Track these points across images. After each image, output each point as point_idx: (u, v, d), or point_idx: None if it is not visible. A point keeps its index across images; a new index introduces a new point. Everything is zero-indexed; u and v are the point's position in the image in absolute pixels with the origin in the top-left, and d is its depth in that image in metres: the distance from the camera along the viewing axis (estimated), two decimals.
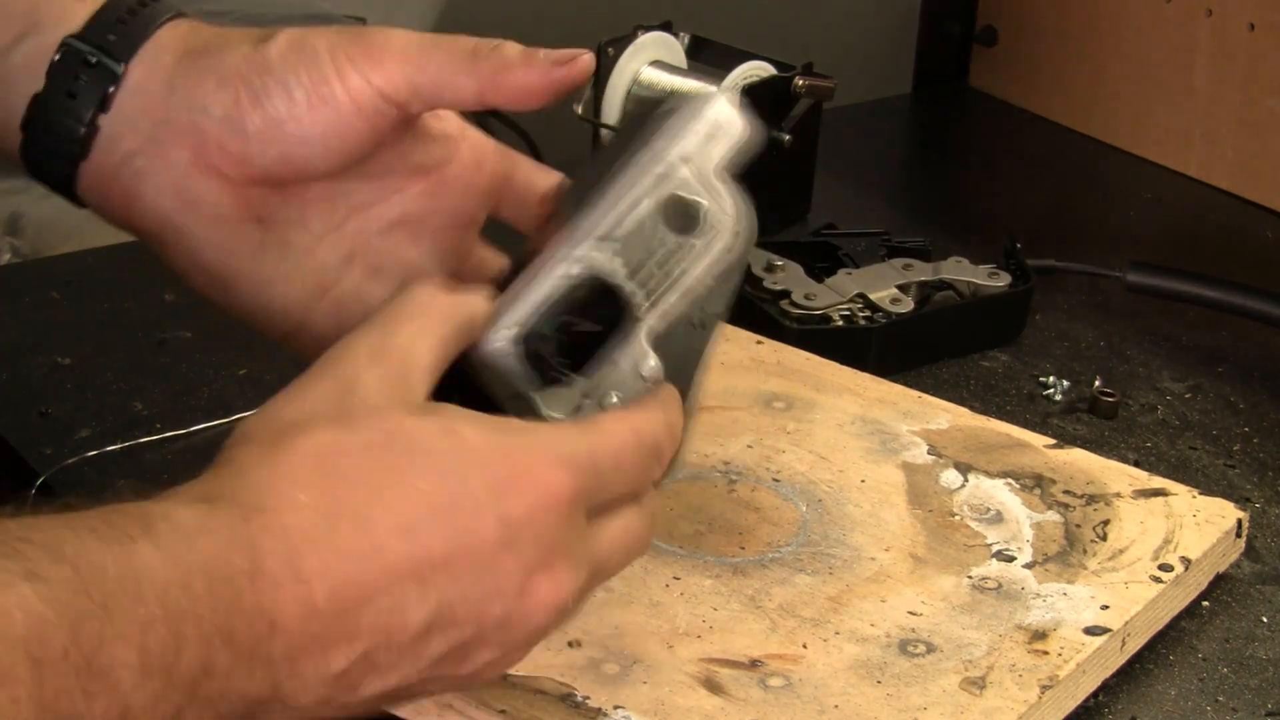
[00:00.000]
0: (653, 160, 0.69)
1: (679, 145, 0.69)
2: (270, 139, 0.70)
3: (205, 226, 0.73)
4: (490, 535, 0.59)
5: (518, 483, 0.60)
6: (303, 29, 0.71)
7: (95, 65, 0.72)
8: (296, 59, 0.70)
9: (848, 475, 0.88)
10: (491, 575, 0.60)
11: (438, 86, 0.70)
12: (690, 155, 0.69)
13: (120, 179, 0.73)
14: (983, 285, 1.09)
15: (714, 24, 1.30)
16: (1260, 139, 1.34)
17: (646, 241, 0.68)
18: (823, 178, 1.27)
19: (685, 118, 0.70)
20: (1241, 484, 0.96)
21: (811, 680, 0.73)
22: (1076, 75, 1.46)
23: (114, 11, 0.73)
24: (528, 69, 0.70)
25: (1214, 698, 0.78)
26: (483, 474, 0.60)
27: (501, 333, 0.66)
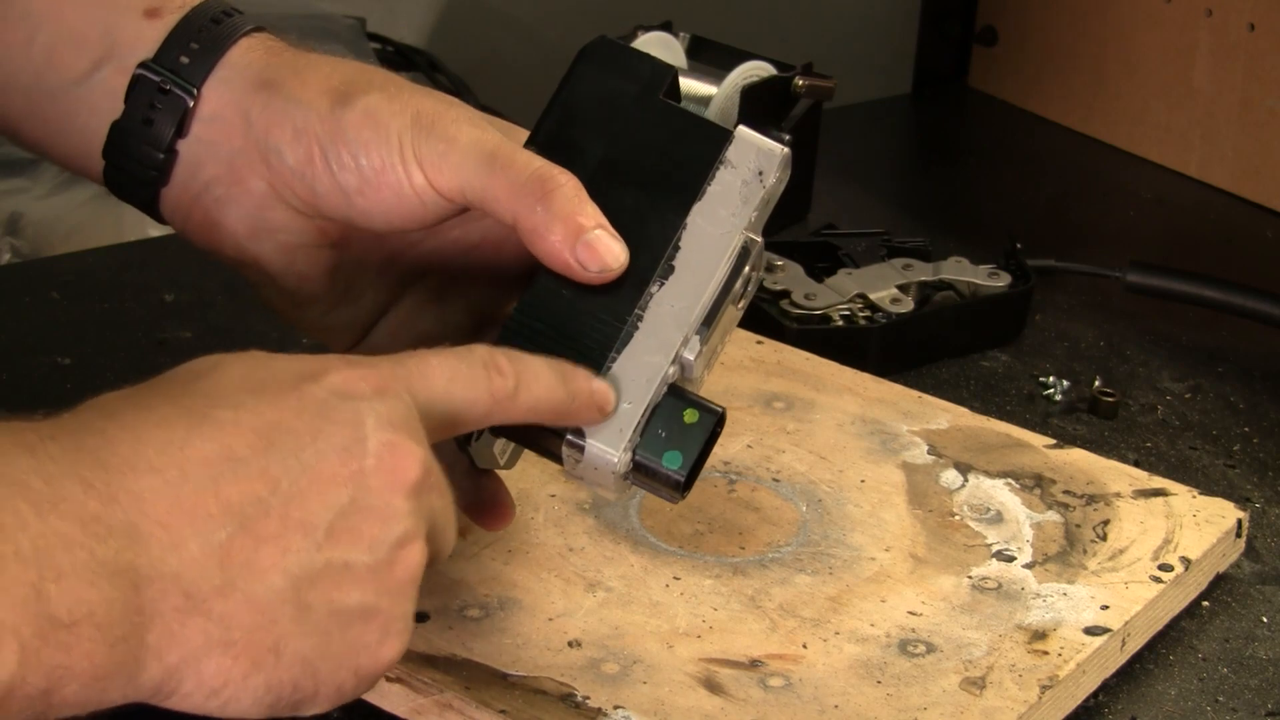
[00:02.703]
0: (726, 238, 0.70)
1: (748, 216, 0.71)
2: (337, 201, 0.72)
3: (281, 252, 0.74)
4: (313, 402, 0.59)
5: (323, 368, 0.61)
6: (382, 97, 0.72)
7: (169, 92, 0.73)
8: (370, 136, 0.71)
9: (848, 475, 0.88)
10: (332, 428, 0.59)
11: (488, 204, 0.70)
12: (755, 221, 0.71)
13: (201, 205, 0.74)
14: (983, 285, 1.09)
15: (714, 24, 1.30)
16: (1260, 139, 1.34)
17: (719, 314, 0.71)
18: (823, 178, 1.27)
19: (738, 175, 0.71)
20: (1241, 484, 0.96)
21: (811, 680, 0.73)
22: (1076, 75, 1.46)
23: (186, 33, 0.74)
24: (557, 238, 0.69)
25: (1214, 698, 0.79)
26: (287, 366, 0.61)
27: (623, 456, 0.68)
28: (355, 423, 0.59)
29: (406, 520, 0.60)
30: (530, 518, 0.82)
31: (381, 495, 0.59)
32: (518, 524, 0.81)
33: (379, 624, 0.60)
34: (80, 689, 0.54)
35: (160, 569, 0.55)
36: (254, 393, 0.59)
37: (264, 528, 0.57)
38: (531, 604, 0.77)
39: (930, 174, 1.48)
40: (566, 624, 0.75)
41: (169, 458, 0.56)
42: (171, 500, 0.56)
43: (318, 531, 0.58)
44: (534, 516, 0.83)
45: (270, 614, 0.57)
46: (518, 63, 1.40)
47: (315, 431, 0.59)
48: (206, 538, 0.56)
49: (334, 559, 0.58)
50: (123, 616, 0.55)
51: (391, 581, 0.60)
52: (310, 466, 0.58)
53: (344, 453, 0.59)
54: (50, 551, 0.53)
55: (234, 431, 0.58)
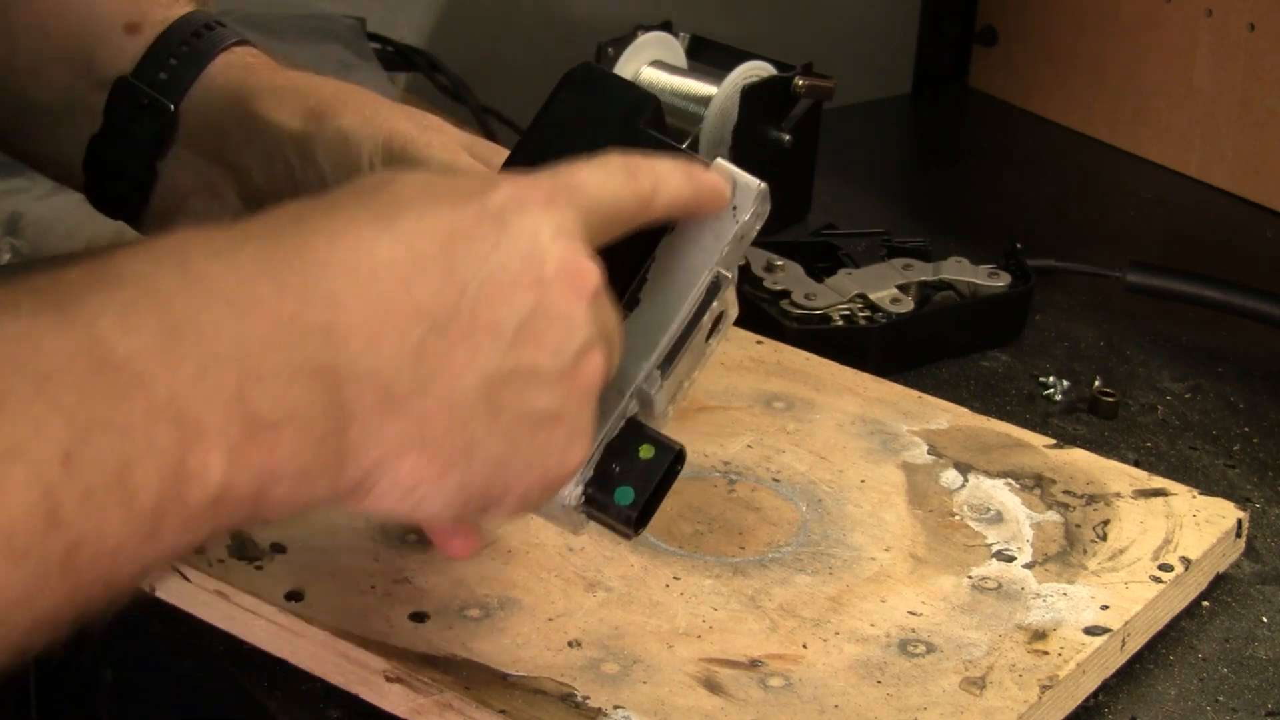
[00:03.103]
0: (695, 273, 0.70)
1: (719, 252, 0.70)
2: None
3: None
4: (486, 214, 0.60)
5: (493, 184, 0.61)
6: (355, 120, 0.72)
7: (147, 106, 0.73)
8: (340, 158, 0.71)
9: (848, 475, 0.88)
10: (510, 239, 0.59)
11: None
12: (726, 256, 0.70)
13: (179, 219, 0.75)
14: (983, 285, 1.09)
15: (714, 24, 1.30)
16: (1260, 139, 1.34)
17: (684, 349, 0.70)
18: (823, 178, 1.27)
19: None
20: (1241, 484, 0.96)
21: (811, 680, 0.73)
22: (1076, 75, 1.46)
23: (166, 47, 0.74)
24: None
25: (1214, 698, 0.79)
26: (458, 182, 0.61)
27: (574, 490, 0.67)
28: (533, 231, 0.60)
29: (587, 328, 0.61)
30: (530, 518, 0.82)
31: (563, 303, 0.60)
32: (518, 524, 0.81)
33: (565, 429, 0.61)
34: (288, 488, 0.54)
35: (357, 368, 0.55)
36: (434, 201, 0.59)
37: (455, 329, 0.58)
38: (531, 604, 0.77)
39: (930, 174, 1.48)
40: (566, 624, 0.75)
41: (361, 259, 0.56)
42: (366, 300, 0.56)
43: (506, 334, 0.59)
44: (534, 516, 0.82)
45: (464, 414, 0.58)
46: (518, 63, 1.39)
47: (497, 238, 0.59)
48: (401, 337, 0.56)
49: (522, 362, 0.59)
50: (325, 415, 0.55)
51: (577, 387, 0.61)
52: (495, 271, 0.59)
53: (526, 259, 0.59)
54: (250, 354, 0.53)
55: (421, 235, 0.58)
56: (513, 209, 0.60)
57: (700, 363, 0.72)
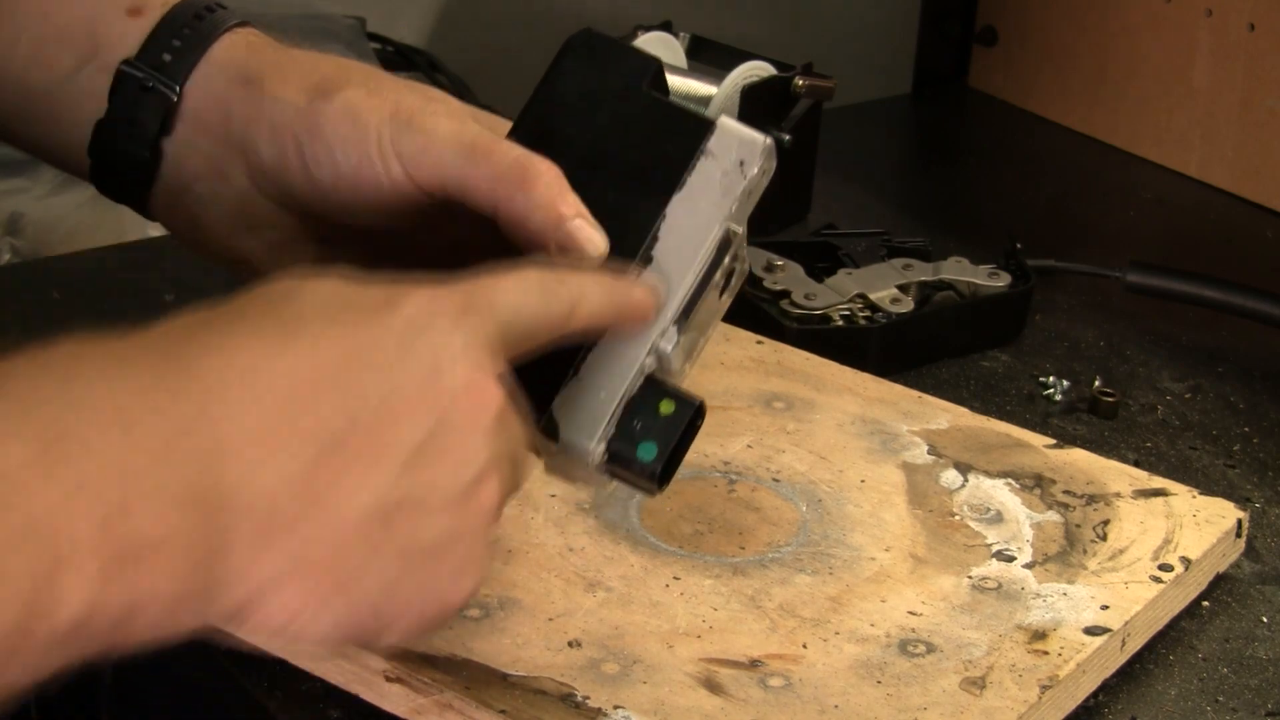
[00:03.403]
0: (705, 229, 0.70)
1: (728, 207, 0.70)
2: (316, 196, 0.72)
3: (268, 249, 0.74)
4: (389, 332, 0.58)
5: (402, 296, 0.59)
6: (361, 92, 0.71)
7: (152, 89, 0.73)
8: (349, 132, 0.71)
9: (848, 475, 0.88)
10: (412, 359, 0.58)
11: (468, 195, 0.70)
12: (735, 211, 0.70)
13: (185, 202, 0.74)
14: (983, 285, 1.09)
15: (714, 24, 1.30)
16: (1260, 139, 1.34)
17: (698, 305, 0.70)
18: (823, 178, 1.27)
19: (718, 165, 0.70)
20: (1241, 484, 0.96)
21: (811, 680, 0.73)
22: (1076, 75, 1.46)
23: (169, 30, 0.74)
24: (536, 226, 0.69)
25: (1214, 698, 0.79)
26: (366, 292, 0.59)
27: (597, 447, 0.67)
28: (438, 350, 0.59)
29: (485, 455, 0.59)
30: (530, 518, 0.82)
31: (462, 429, 0.59)
32: (518, 524, 0.81)
33: (456, 559, 0.59)
34: (156, 615, 0.53)
35: (239, 495, 0.54)
36: (339, 315, 0.58)
37: (347, 452, 0.56)
38: (531, 604, 0.77)
39: (930, 174, 1.48)
40: (566, 624, 0.75)
41: (253, 379, 0.55)
42: (254, 424, 0.55)
43: (399, 459, 0.57)
44: (534, 516, 0.83)
45: (349, 543, 0.56)
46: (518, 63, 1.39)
47: (400, 356, 0.58)
48: (288, 462, 0.55)
49: (414, 490, 0.57)
50: (201, 541, 0.53)
51: (470, 516, 0.59)
52: (395, 392, 0.57)
53: (427, 380, 0.58)
54: (133, 472, 0.52)
55: (319, 353, 0.57)
56: (420, 324, 0.59)
57: (714, 320, 0.72)
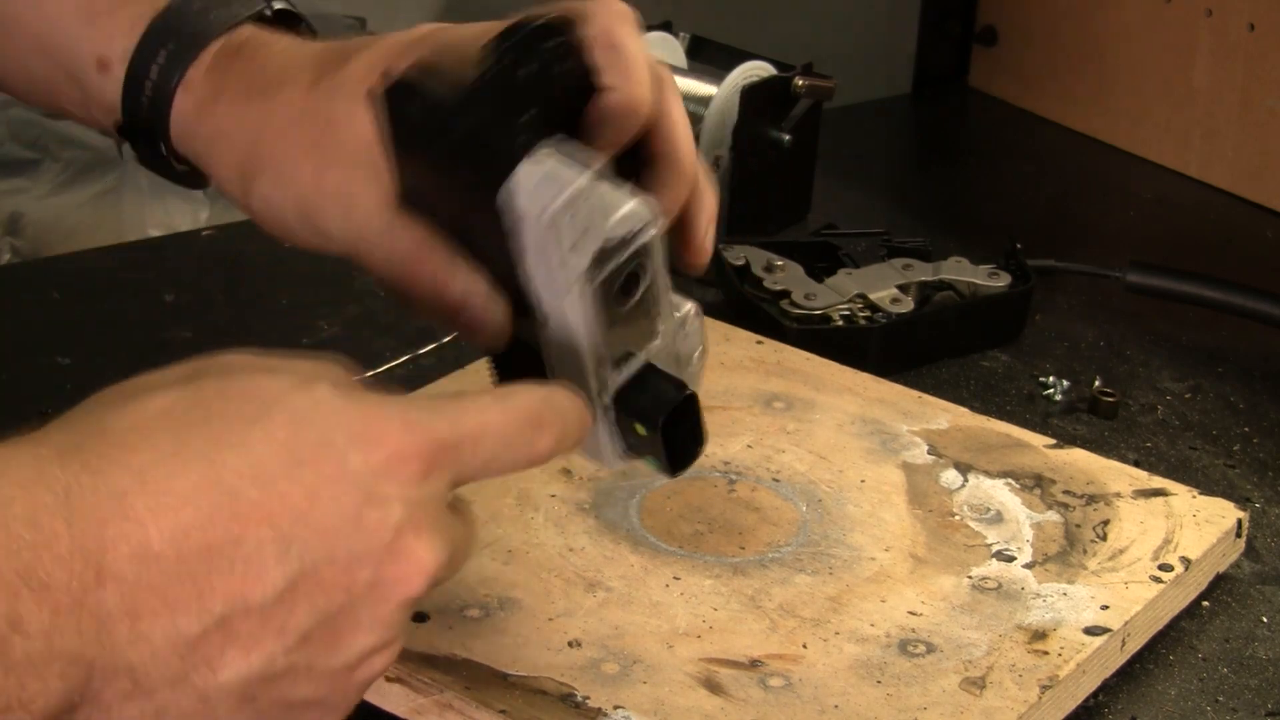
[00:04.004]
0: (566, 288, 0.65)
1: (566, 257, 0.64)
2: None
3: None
4: (350, 487, 0.55)
5: (376, 437, 0.56)
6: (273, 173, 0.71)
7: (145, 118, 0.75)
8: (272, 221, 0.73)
9: (848, 475, 0.88)
10: (356, 532, 0.55)
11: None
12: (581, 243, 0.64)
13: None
14: (983, 285, 1.09)
15: (714, 24, 1.30)
16: (1260, 139, 1.34)
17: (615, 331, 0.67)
18: (823, 178, 1.27)
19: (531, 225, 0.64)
20: (1241, 484, 0.96)
21: (811, 680, 0.73)
22: (1076, 75, 1.46)
23: (136, 84, 0.74)
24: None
25: (1214, 698, 0.79)
26: (341, 424, 0.56)
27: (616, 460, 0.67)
28: (381, 524, 0.56)
29: (390, 631, 0.57)
30: (530, 518, 0.82)
31: (376, 607, 0.56)
32: (518, 524, 0.81)
33: (322, 710, 0.57)
34: None
35: (117, 661, 0.52)
36: (297, 467, 0.55)
37: (240, 628, 0.54)
38: (531, 604, 0.76)
39: (930, 174, 1.48)
40: (566, 624, 0.75)
41: (171, 542, 0.53)
42: (155, 589, 0.52)
43: (293, 636, 0.55)
44: (534, 516, 0.83)
45: (214, 703, 0.55)
46: None
47: (339, 532, 0.55)
48: (176, 630, 0.53)
49: (298, 661, 0.55)
50: (61, 701, 0.52)
51: (350, 684, 0.57)
52: (314, 573, 0.55)
53: (354, 561, 0.55)
54: (8, 640, 0.50)
55: (255, 523, 0.54)
56: (375, 485, 0.56)
57: (662, 300, 0.68)
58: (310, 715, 0.57)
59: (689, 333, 0.70)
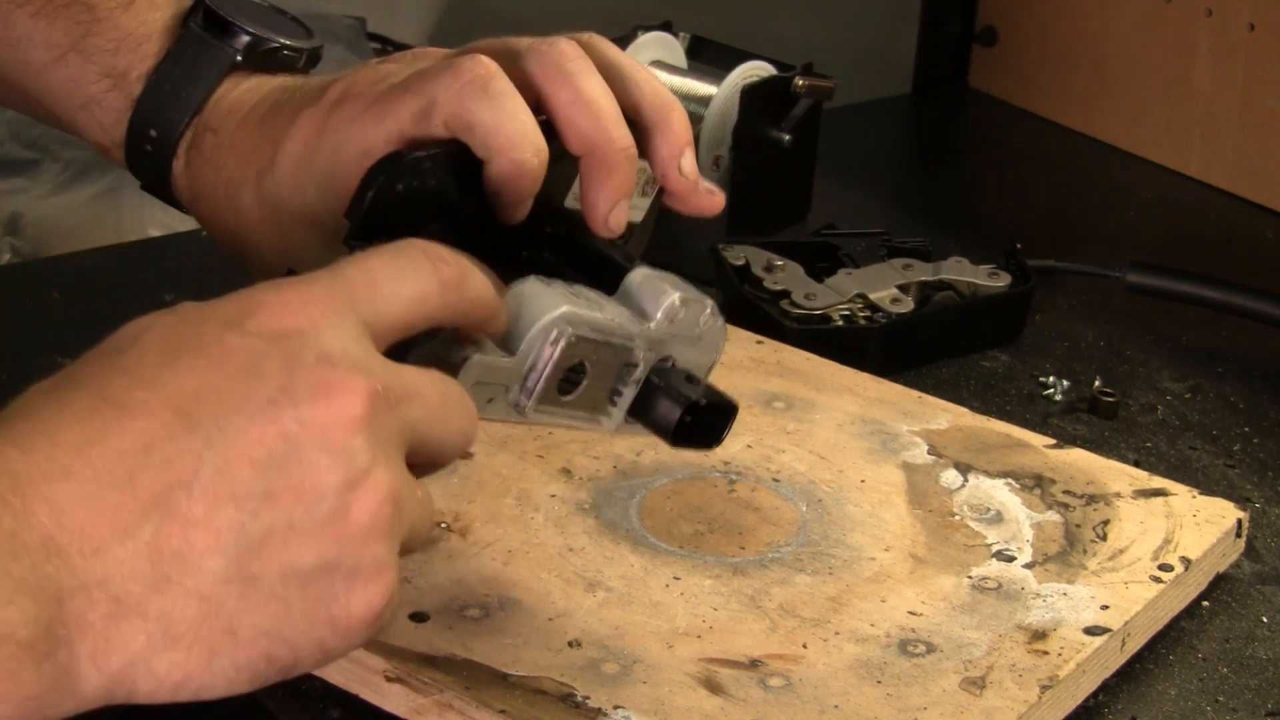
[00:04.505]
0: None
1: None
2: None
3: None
4: (236, 352, 0.56)
5: (249, 308, 0.57)
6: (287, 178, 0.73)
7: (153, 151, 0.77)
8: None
9: (848, 475, 0.88)
10: (255, 380, 0.55)
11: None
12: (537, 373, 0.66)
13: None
14: (983, 285, 1.09)
15: (714, 24, 1.30)
16: (1260, 139, 1.34)
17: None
18: (823, 178, 1.27)
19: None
20: (1241, 484, 0.96)
21: (811, 680, 0.73)
22: (1076, 75, 1.46)
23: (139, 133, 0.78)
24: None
25: (1214, 698, 0.78)
26: (211, 313, 0.57)
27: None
28: (284, 367, 0.55)
29: (354, 458, 0.56)
30: (530, 518, 0.82)
31: (318, 440, 0.55)
32: (518, 524, 0.81)
33: (342, 575, 0.56)
34: (11, 710, 0.52)
35: (83, 579, 0.53)
36: (173, 360, 0.56)
37: (191, 511, 0.54)
38: (531, 604, 0.76)
39: (930, 174, 1.48)
40: (566, 624, 0.75)
41: (83, 459, 0.54)
42: (89, 504, 0.53)
43: (252, 500, 0.54)
44: (534, 516, 0.83)
45: (214, 598, 0.54)
46: None
47: (240, 390, 0.55)
48: (130, 537, 0.53)
49: (274, 523, 0.55)
50: (47, 632, 0.52)
51: (347, 527, 0.56)
52: (235, 432, 0.55)
53: (270, 405, 0.55)
54: None
55: (150, 415, 0.54)
56: (265, 342, 0.56)
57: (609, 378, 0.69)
58: (334, 580, 0.56)
59: (711, 329, 0.72)
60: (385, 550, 0.57)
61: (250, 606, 0.55)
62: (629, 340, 0.68)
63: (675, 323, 0.69)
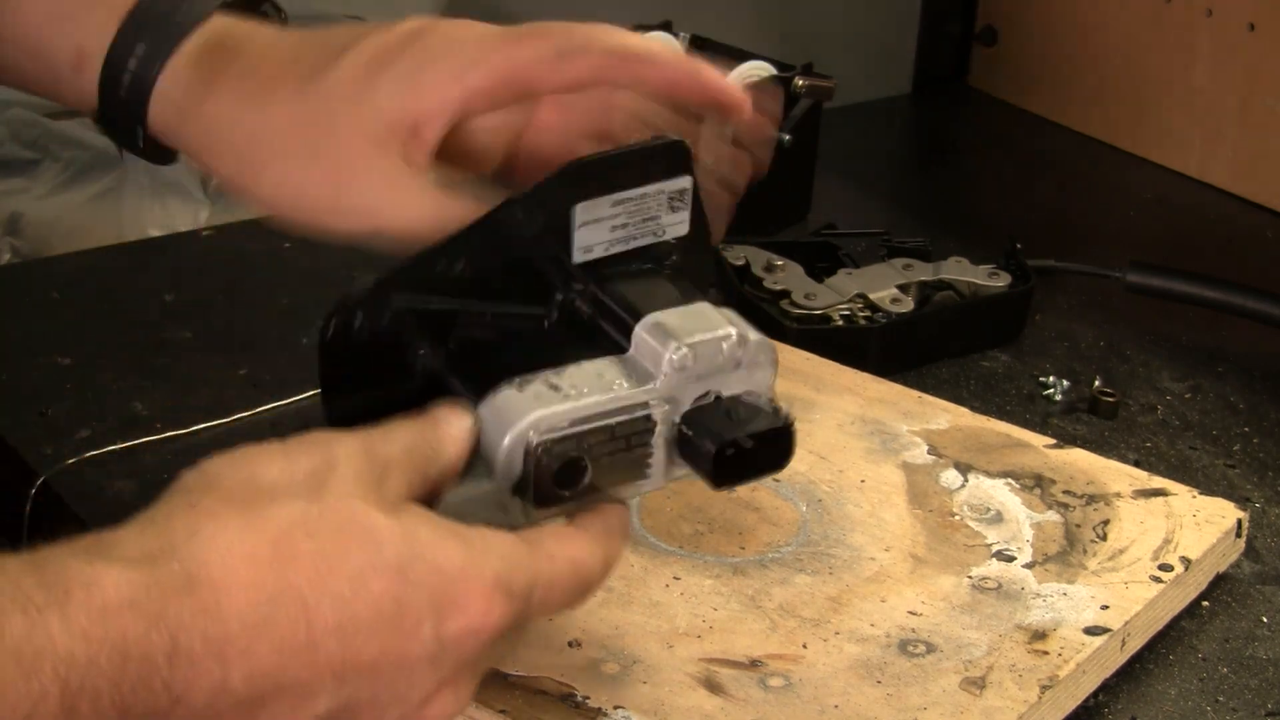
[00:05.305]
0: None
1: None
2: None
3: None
4: (421, 650, 0.59)
5: (462, 605, 0.60)
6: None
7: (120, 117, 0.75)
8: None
9: (848, 475, 0.88)
10: (406, 683, 0.59)
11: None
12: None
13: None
14: (983, 285, 1.09)
15: (714, 24, 1.30)
16: (1260, 139, 1.34)
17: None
18: (823, 178, 1.27)
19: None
20: (1241, 484, 0.96)
21: (811, 680, 0.73)
22: (1076, 75, 1.46)
23: (112, 85, 0.75)
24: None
25: (1214, 698, 0.79)
26: (432, 585, 0.59)
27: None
28: (431, 679, 0.60)
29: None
30: None
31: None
32: None
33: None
34: None
35: None
36: (376, 624, 0.58)
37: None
38: None
39: (930, 174, 1.48)
40: (566, 624, 0.75)
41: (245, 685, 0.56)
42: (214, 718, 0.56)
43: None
44: None
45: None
46: None
47: (390, 682, 0.59)
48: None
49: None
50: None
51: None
52: (354, 705, 0.59)
53: (396, 702, 0.59)
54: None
55: (322, 671, 0.57)
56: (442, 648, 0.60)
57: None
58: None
59: (746, 355, 0.68)
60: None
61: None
62: (631, 412, 0.64)
63: (689, 369, 0.65)
